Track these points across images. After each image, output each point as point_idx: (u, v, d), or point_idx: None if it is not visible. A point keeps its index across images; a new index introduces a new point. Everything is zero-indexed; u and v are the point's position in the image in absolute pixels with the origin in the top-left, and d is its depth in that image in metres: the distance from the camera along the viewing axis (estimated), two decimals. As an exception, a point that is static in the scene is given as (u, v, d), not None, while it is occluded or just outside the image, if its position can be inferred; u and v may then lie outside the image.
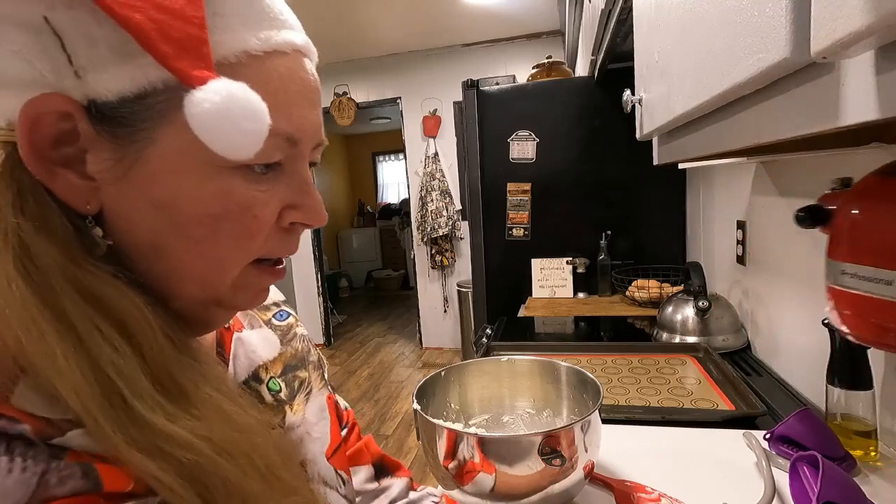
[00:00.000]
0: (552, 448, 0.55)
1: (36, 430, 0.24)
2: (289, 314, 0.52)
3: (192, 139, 0.27)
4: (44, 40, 0.25)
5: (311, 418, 0.46)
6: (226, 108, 0.25)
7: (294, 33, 0.32)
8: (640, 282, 1.66)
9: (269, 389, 0.43)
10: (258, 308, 0.49)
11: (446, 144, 3.95)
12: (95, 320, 0.26)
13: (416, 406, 0.64)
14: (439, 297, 4.16)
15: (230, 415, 0.30)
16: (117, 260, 0.29)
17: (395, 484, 0.58)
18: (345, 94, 4.09)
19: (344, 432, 0.53)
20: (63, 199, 0.28)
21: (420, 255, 4.16)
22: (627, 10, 1.10)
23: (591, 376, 0.67)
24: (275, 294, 0.52)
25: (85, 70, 0.26)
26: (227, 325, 0.44)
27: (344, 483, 0.46)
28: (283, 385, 0.45)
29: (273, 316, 0.50)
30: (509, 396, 0.78)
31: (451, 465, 0.59)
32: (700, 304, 1.22)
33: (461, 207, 3.94)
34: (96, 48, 0.26)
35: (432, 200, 3.89)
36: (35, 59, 0.25)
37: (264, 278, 0.34)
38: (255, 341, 0.45)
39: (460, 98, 2.03)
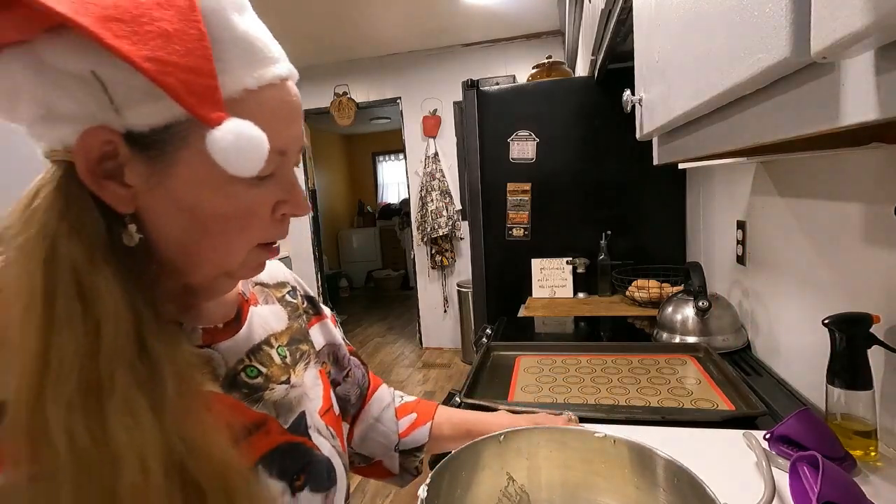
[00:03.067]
0: None
1: None
2: (298, 296, 0.62)
3: (206, 159, 0.35)
4: (91, 87, 0.34)
5: (308, 383, 0.55)
6: (237, 142, 0.34)
7: (280, 66, 0.40)
8: (640, 282, 1.66)
9: (278, 354, 0.52)
10: (273, 286, 0.59)
11: (446, 144, 3.95)
12: (73, 314, 0.33)
13: (422, 495, 0.47)
14: (439, 297, 4.16)
15: (137, 419, 0.33)
16: (147, 249, 0.39)
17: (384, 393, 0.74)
18: (345, 93, 4.09)
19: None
20: (109, 202, 0.37)
21: (420, 255, 4.16)
22: (627, 10, 1.10)
23: (705, 485, 0.46)
24: (289, 276, 0.63)
25: (122, 107, 0.34)
26: (246, 298, 0.53)
27: (333, 436, 0.55)
28: (288, 353, 0.54)
29: (284, 295, 0.60)
30: (586, 486, 0.57)
31: None
32: (700, 304, 1.22)
33: (461, 207, 3.94)
34: (132, 92, 0.34)
35: (432, 200, 3.89)
36: (85, 100, 0.34)
37: (263, 256, 0.45)
38: (266, 315, 0.55)
39: (460, 98, 2.03)
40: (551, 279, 1.90)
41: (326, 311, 0.67)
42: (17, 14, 0.30)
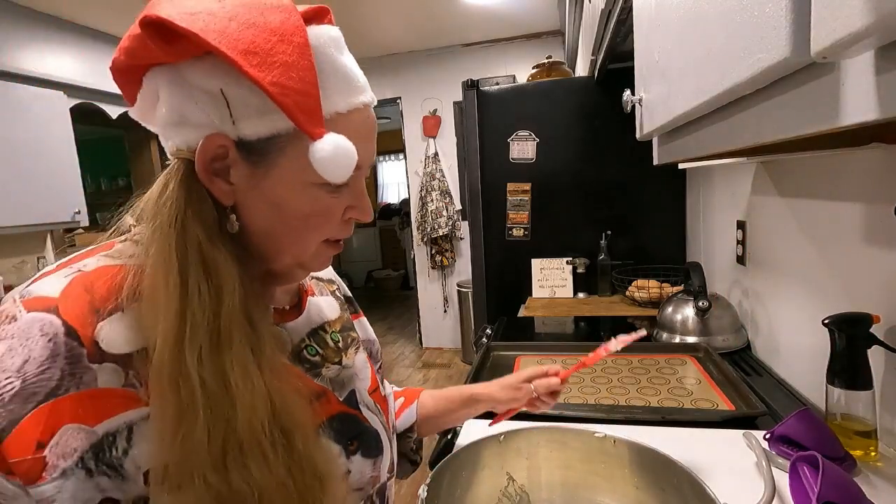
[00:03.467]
0: None
1: (90, 354, 0.38)
2: (342, 294, 0.69)
3: (297, 165, 0.43)
4: (218, 102, 0.42)
5: (359, 364, 0.62)
6: (335, 152, 0.42)
7: (366, 94, 0.48)
8: (640, 282, 1.65)
9: (331, 339, 0.59)
10: (325, 281, 0.68)
11: (446, 144, 3.95)
12: (200, 281, 0.41)
13: (423, 494, 0.49)
14: (439, 297, 4.16)
15: (249, 372, 0.41)
16: (244, 236, 0.47)
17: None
18: (345, 94, 4.09)
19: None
20: (217, 196, 0.45)
21: (420, 255, 4.16)
22: (627, 10, 1.10)
23: (705, 485, 0.46)
24: (334, 276, 0.71)
25: (238, 119, 0.42)
26: (305, 288, 0.61)
27: (380, 412, 0.61)
28: (341, 338, 0.61)
29: (335, 290, 0.68)
30: (586, 487, 0.57)
31: None
32: (700, 304, 1.22)
33: (461, 207, 3.94)
34: (249, 108, 0.42)
35: (432, 200, 3.89)
36: (212, 112, 0.42)
37: (330, 251, 0.51)
38: (322, 304, 0.62)
39: (460, 98, 2.03)
40: (551, 279, 1.90)
41: (360, 310, 0.74)
42: (177, 46, 0.39)
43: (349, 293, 0.72)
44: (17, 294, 0.39)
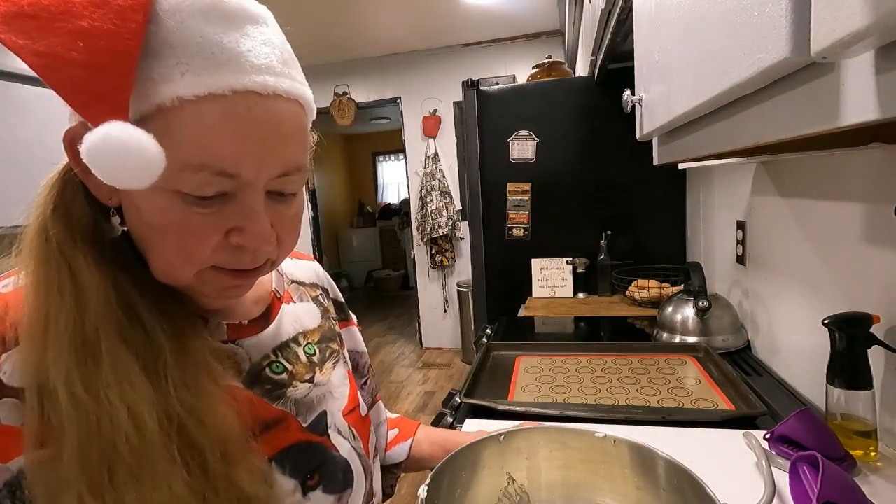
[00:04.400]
0: None
1: None
2: (328, 300, 0.63)
3: None
4: None
5: (335, 381, 0.55)
6: (102, 148, 0.32)
7: (237, 76, 0.35)
8: (640, 282, 1.65)
9: (304, 352, 0.53)
10: (308, 286, 0.61)
11: (446, 144, 3.95)
12: (62, 286, 0.37)
13: (422, 494, 0.47)
14: (439, 297, 4.16)
15: (130, 379, 0.36)
16: (130, 241, 0.41)
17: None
18: (345, 93, 4.09)
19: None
20: (94, 193, 0.39)
21: (420, 255, 4.16)
22: (627, 10, 1.10)
23: (705, 485, 0.45)
24: (323, 279, 0.64)
25: None
26: (279, 296, 0.54)
27: (354, 437, 0.54)
28: (317, 350, 0.55)
29: (318, 295, 0.61)
30: (587, 487, 0.57)
31: None
32: (700, 304, 1.22)
33: (461, 207, 3.94)
34: None
35: (432, 200, 3.89)
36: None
37: (224, 280, 0.41)
38: (300, 312, 0.56)
39: (460, 98, 2.03)
40: (551, 279, 1.90)
41: (353, 317, 0.68)
42: None
43: (341, 299, 0.66)
44: None
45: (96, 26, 0.31)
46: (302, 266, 0.63)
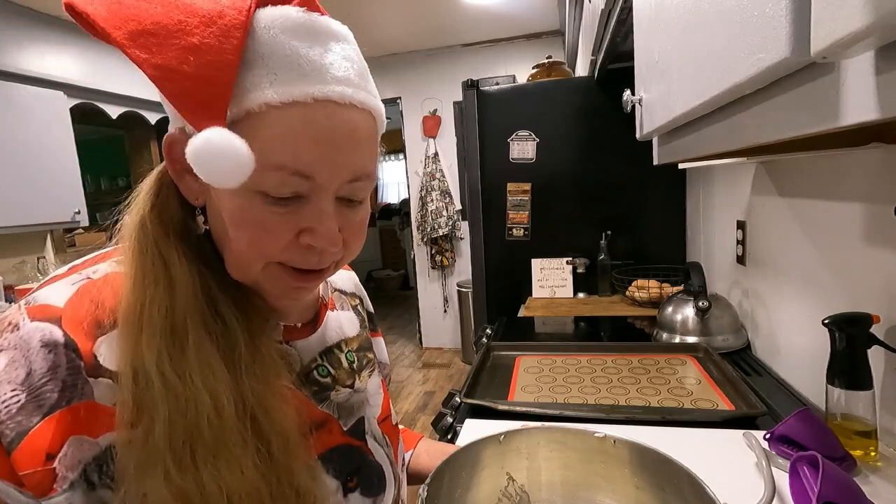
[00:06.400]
0: None
1: (88, 368, 0.37)
2: (364, 310, 0.66)
3: None
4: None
5: (371, 389, 0.58)
6: (205, 149, 0.35)
7: (318, 87, 0.38)
8: (640, 282, 1.65)
9: (346, 359, 0.55)
10: (348, 295, 0.64)
11: (446, 144, 3.95)
12: (158, 277, 0.40)
13: (423, 494, 0.47)
14: (439, 297, 4.16)
15: (211, 367, 0.39)
16: (211, 239, 0.44)
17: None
18: (345, 94, 4.08)
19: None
20: (184, 194, 0.43)
21: (420, 255, 4.16)
22: (627, 10, 1.10)
23: (705, 485, 0.45)
24: (360, 290, 0.67)
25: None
26: (324, 302, 0.57)
27: (387, 444, 0.57)
28: (356, 358, 0.57)
29: (357, 305, 0.64)
30: (587, 487, 0.56)
31: None
32: (700, 304, 1.22)
33: (461, 207, 3.94)
34: None
35: (432, 200, 3.89)
36: (173, 114, 0.41)
37: (288, 279, 0.44)
38: (342, 320, 0.59)
39: (460, 98, 2.03)
40: (551, 279, 1.90)
41: (379, 329, 0.70)
42: (96, 29, 0.36)
43: (371, 309, 0.68)
44: (23, 300, 0.39)
45: (205, 43, 0.35)
46: (343, 275, 0.66)
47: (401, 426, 0.75)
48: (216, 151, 0.35)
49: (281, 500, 0.40)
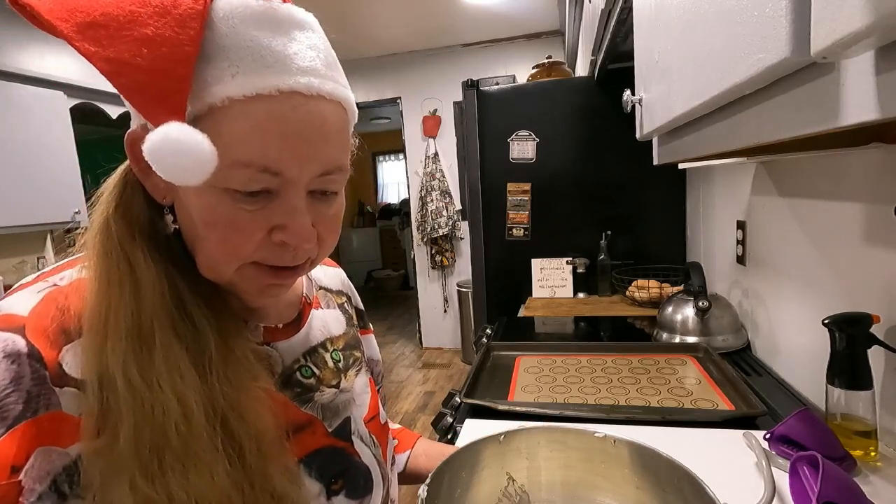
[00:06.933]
0: None
1: (53, 377, 0.36)
2: (351, 308, 0.64)
3: None
4: None
5: (358, 389, 0.57)
6: (162, 145, 0.34)
7: (283, 78, 0.37)
8: (640, 282, 1.65)
9: (331, 358, 0.54)
10: (334, 293, 0.62)
11: (446, 144, 3.95)
12: (122, 279, 0.39)
13: (422, 494, 0.47)
14: (439, 297, 4.16)
15: (180, 371, 0.38)
16: (181, 239, 0.43)
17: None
18: (345, 94, 4.08)
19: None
20: (150, 192, 0.42)
21: (420, 255, 4.16)
22: (627, 10, 1.10)
23: (705, 485, 0.45)
24: (347, 287, 0.66)
25: None
26: (308, 301, 0.56)
27: (375, 444, 0.56)
28: (342, 357, 0.56)
29: (344, 303, 0.63)
30: (587, 487, 0.56)
31: None
32: (700, 304, 1.22)
33: (461, 207, 3.94)
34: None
35: (432, 200, 3.89)
36: (133, 110, 0.38)
37: (263, 277, 0.42)
38: (327, 318, 0.57)
39: (460, 98, 2.03)
40: (551, 279, 1.90)
41: (371, 326, 0.69)
42: (41, 22, 0.34)
43: (361, 307, 0.67)
44: None
45: (159, 34, 0.34)
46: (329, 273, 0.64)
47: (399, 426, 0.75)
48: (175, 147, 0.34)
49: None
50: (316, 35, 0.40)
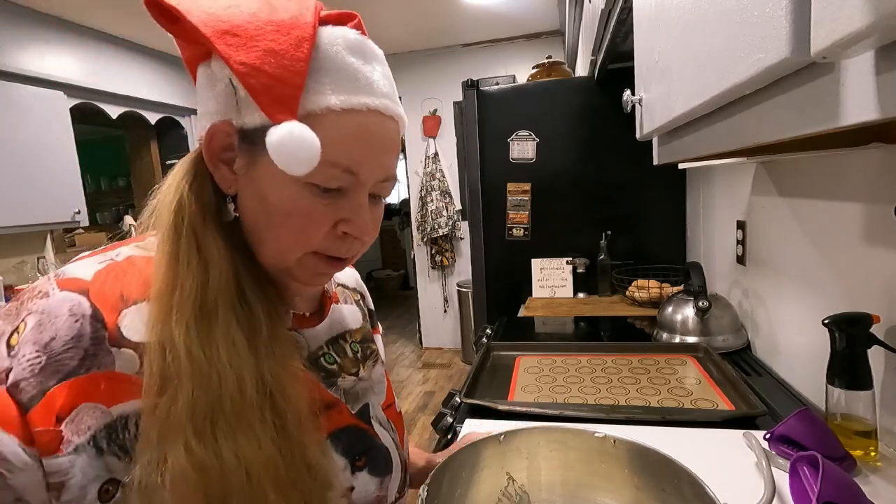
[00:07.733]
0: None
1: (111, 338, 0.39)
2: (364, 306, 0.69)
3: None
4: (228, 90, 0.44)
5: (375, 378, 0.61)
6: (288, 139, 0.40)
7: (371, 98, 0.45)
8: (640, 282, 1.65)
9: (351, 349, 0.59)
10: (351, 290, 0.67)
11: (446, 144, 3.95)
12: (191, 257, 0.43)
13: (423, 494, 0.47)
14: (439, 297, 4.16)
15: (236, 346, 0.42)
16: (241, 226, 0.48)
17: None
18: (345, 94, 4.09)
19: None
20: (218, 183, 0.47)
21: (420, 255, 4.16)
22: (627, 10, 1.10)
23: (705, 486, 0.45)
24: (361, 287, 0.71)
25: (242, 108, 0.43)
26: (329, 295, 0.61)
27: (392, 429, 0.60)
28: (360, 349, 0.61)
29: (359, 300, 0.68)
30: (587, 487, 0.56)
31: None
32: (700, 304, 1.22)
33: (461, 207, 3.94)
34: (249, 98, 0.41)
35: (432, 200, 3.89)
36: (223, 101, 0.44)
37: (319, 266, 0.48)
38: (346, 313, 0.62)
39: (460, 98, 2.03)
40: (551, 279, 1.90)
41: (379, 326, 0.73)
42: (179, 26, 0.41)
43: (372, 306, 0.71)
44: (52, 273, 0.41)
45: (280, 49, 0.41)
46: (346, 271, 0.69)
47: None
48: (298, 142, 0.40)
49: (294, 473, 0.43)
50: (386, 67, 0.49)
